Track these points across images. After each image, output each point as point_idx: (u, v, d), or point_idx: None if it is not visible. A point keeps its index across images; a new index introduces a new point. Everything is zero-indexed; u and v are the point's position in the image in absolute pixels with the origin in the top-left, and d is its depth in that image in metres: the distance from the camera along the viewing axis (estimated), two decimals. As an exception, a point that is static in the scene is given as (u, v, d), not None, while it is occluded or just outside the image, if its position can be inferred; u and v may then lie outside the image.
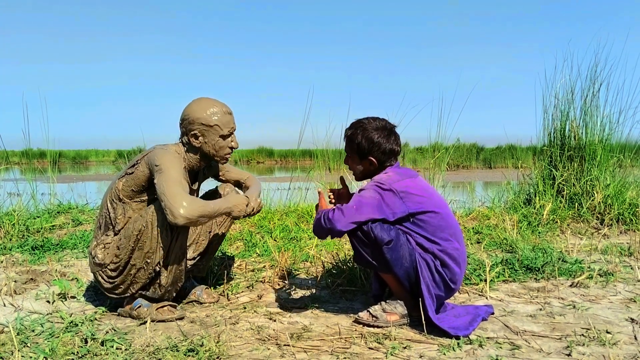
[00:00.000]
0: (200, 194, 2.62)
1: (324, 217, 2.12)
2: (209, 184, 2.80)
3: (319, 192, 2.32)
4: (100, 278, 2.31)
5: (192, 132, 2.27)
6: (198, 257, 2.61)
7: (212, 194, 2.58)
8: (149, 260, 2.21)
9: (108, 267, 2.27)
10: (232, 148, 2.36)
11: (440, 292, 2.18)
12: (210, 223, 2.61)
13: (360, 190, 2.21)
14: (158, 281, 2.26)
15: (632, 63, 6.59)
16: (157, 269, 2.23)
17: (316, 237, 3.76)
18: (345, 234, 2.13)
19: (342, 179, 2.55)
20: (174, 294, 2.37)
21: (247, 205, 2.28)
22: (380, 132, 2.24)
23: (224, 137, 2.31)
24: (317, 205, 2.34)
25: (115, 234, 2.30)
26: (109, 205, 2.32)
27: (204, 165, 2.42)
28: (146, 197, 2.30)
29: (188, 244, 2.54)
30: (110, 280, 2.29)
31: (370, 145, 2.23)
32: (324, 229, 2.12)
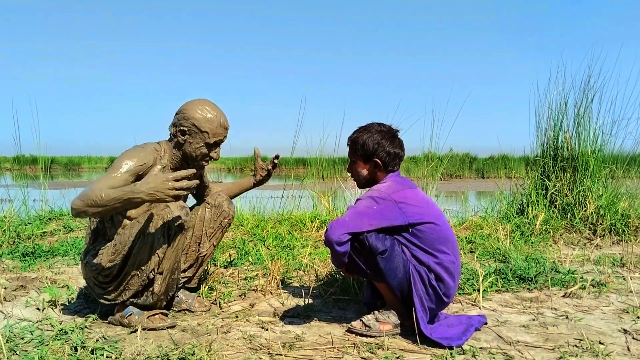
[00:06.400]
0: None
1: (327, 228, 2.12)
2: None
3: None
4: (92, 284, 2.30)
5: (181, 128, 2.29)
6: (188, 268, 2.59)
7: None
8: (143, 267, 2.19)
9: (101, 273, 2.25)
10: (211, 158, 2.37)
11: (432, 305, 2.17)
12: (199, 233, 2.54)
13: (357, 200, 2.20)
14: (151, 289, 2.24)
15: (625, 75, 6.68)
16: (151, 276, 2.21)
17: (309, 246, 3.75)
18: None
19: None
20: (165, 303, 2.35)
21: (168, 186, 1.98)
22: (384, 135, 2.25)
23: (208, 145, 2.32)
24: None
25: (108, 240, 2.29)
26: None
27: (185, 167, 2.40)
28: None
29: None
30: (104, 286, 2.28)
31: (375, 146, 2.23)
32: (326, 239, 2.11)
